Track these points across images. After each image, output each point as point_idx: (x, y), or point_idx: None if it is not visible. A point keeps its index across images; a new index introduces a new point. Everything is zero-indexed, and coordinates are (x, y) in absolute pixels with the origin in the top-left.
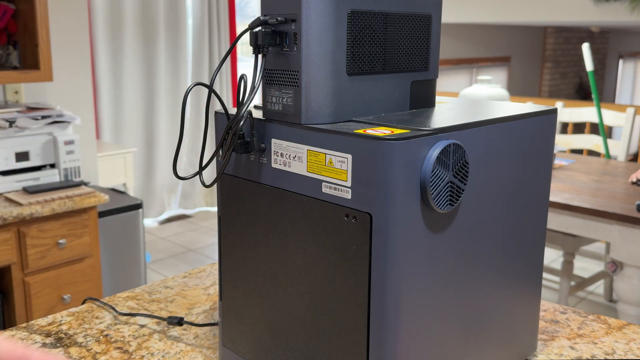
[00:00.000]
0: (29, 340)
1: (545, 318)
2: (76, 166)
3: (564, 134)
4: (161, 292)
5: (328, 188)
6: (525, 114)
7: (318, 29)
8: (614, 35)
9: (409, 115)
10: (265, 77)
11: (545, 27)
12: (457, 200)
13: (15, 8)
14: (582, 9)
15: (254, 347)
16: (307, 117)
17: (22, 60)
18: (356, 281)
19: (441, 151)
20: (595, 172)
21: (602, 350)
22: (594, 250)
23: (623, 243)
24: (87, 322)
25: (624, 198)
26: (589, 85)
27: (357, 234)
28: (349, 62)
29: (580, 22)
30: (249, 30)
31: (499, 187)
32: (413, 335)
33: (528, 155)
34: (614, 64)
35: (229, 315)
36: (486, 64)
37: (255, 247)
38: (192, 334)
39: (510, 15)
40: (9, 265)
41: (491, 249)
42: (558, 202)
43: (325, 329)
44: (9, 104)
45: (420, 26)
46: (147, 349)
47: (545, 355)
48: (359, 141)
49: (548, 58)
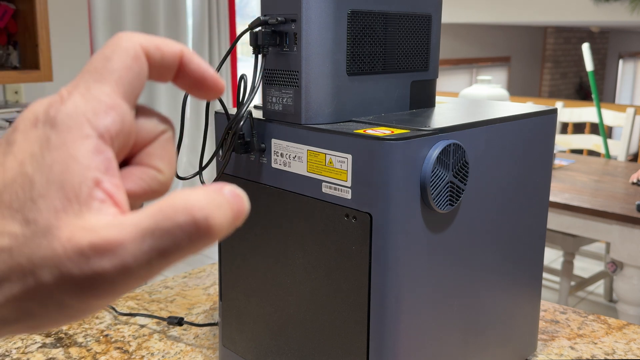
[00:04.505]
0: (28, 340)
1: (545, 318)
2: None
3: (564, 134)
4: (161, 292)
5: (328, 188)
6: (525, 114)
7: (318, 29)
8: (614, 35)
9: (409, 115)
10: (265, 77)
11: (545, 27)
12: (457, 200)
13: (15, 8)
14: (582, 9)
15: (254, 347)
16: (307, 117)
17: (22, 60)
18: (356, 281)
19: (441, 151)
20: (595, 172)
21: (602, 350)
22: (594, 250)
23: (623, 243)
24: (87, 322)
25: (624, 198)
26: (589, 85)
27: (357, 234)
28: (349, 62)
29: (580, 22)
30: (249, 30)
31: (499, 187)
32: (413, 335)
33: (528, 155)
34: (614, 64)
35: (229, 315)
36: (486, 64)
37: (255, 247)
38: (192, 334)
39: (510, 15)
40: None
41: (491, 249)
42: (558, 202)
43: (325, 329)
44: (9, 104)
45: (420, 26)
46: (147, 349)
47: (545, 355)
48: (359, 141)
49: (548, 58)
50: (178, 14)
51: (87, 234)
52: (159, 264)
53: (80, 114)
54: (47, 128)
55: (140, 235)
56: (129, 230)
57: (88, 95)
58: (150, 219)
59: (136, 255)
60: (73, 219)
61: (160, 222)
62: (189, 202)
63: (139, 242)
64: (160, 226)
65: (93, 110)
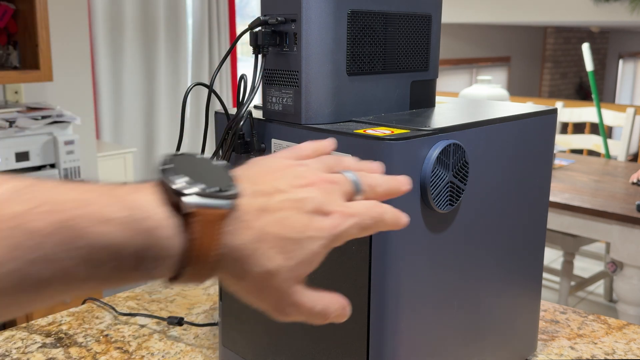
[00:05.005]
0: (29, 340)
1: (545, 318)
2: (76, 166)
3: (564, 134)
4: (161, 292)
5: None
6: (525, 114)
7: (318, 29)
8: (614, 35)
9: (409, 115)
10: (265, 77)
11: (545, 27)
12: (457, 200)
13: (15, 8)
14: (582, 9)
15: (254, 347)
16: (307, 117)
17: (22, 60)
18: (356, 281)
19: (441, 151)
20: (595, 172)
21: (602, 350)
22: (594, 250)
23: (623, 243)
24: (87, 322)
25: (624, 198)
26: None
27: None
28: (349, 62)
29: (580, 22)
30: (249, 30)
31: (499, 187)
32: (413, 335)
33: (528, 155)
34: (614, 64)
35: (229, 315)
36: (486, 64)
37: None
38: (192, 334)
39: (510, 15)
40: None
41: (491, 249)
42: (558, 202)
43: (325, 329)
44: (9, 104)
45: (420, 26)
46: (147, 349)
47: (545, 355)
48: (359, 141)
49: (548, 58)
50: (178, 14)
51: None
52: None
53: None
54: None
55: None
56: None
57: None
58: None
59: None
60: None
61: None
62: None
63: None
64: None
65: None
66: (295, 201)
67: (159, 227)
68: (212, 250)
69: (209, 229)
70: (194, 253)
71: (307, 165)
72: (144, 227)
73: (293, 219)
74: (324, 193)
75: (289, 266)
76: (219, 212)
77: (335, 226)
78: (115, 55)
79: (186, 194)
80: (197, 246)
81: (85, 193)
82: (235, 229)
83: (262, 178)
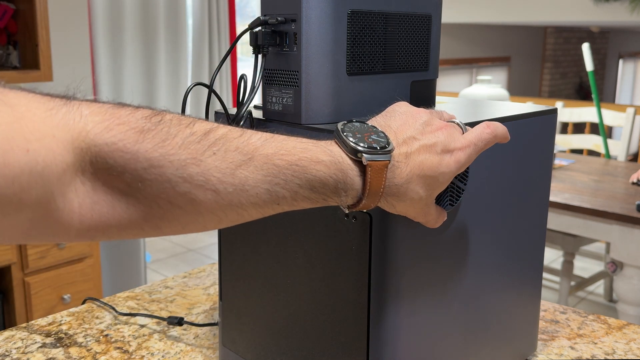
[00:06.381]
0: (29, 340)
1: (545, 318)
2: None
3: (564, 134)
4: (161, 292)
5: None
6: (525, 114)
7: (318, 29)
8: (614, 35)
9: None
10: (265, 77)
11: (545, 27)
12: (457, 200)
13: (15, 8)
14: (582, 9)
15: (254, 347)
16: (307, 117)
17: (22, 60)
18: (356, 281)
19: None
20: (595, 172)
21: (602, 350)
22: (594, 250)
23: (623, 243)
24: (87, 322)
25: (624, 198)
26: (589, 85)
27: (357, 234)
28: (349, 62)
29: (580, 22)
30: (249, 30)
31: (499, 187)
32: (413, 335)
33: (528, 155)
34: (614, 64)
35: (229, 315)
36: (486, 64)
37: (255, 247)
38: (192, 334)
39: (510, 15)
40: (9, 265)
41: (491, 249)
42: (558, 202)
43: (325, 329)
44: None
45: (420, 26)
46: (147, 349)
47: (545, 355)
48: None
49: (548, 58)
50: (178, 14)
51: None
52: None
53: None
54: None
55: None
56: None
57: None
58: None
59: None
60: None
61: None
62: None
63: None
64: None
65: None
66: (429, 146)
67: (349, 169)
68: (379, 188)
69: (377, 174)
70: (369, 189)
71: (430, 114)
72: (340, 168)
73: (429, 161)
74: (446, 135)
75: (429, 194)
76: (383, 163)
77: (458, 160)
78: (115, 55)
79: (361, 151)
80: (370, 185)
81: (303, 143)
82: (393, 174)
83: (401, 129)
